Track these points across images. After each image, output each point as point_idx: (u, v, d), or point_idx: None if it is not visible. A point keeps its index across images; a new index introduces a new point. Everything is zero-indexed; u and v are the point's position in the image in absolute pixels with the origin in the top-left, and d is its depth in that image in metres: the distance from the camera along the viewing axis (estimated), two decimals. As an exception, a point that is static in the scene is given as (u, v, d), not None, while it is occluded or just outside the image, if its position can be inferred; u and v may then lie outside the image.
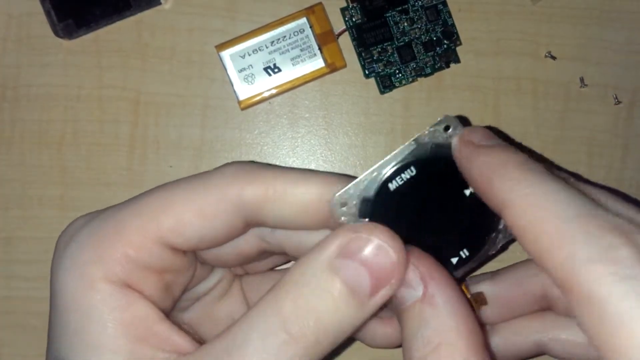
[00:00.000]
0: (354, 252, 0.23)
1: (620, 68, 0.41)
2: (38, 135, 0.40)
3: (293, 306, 0.23)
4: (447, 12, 0.39)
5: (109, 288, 0.24)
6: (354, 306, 0.23)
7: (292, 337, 0.22)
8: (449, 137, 0.25)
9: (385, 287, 0.23)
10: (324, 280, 0.23)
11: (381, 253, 0.23)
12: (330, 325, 0.23)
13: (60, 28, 0.39)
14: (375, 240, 0.23)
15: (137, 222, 0.25)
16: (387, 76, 0.40)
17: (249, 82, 0.39)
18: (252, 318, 0.23)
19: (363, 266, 0.23)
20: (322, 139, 0.40)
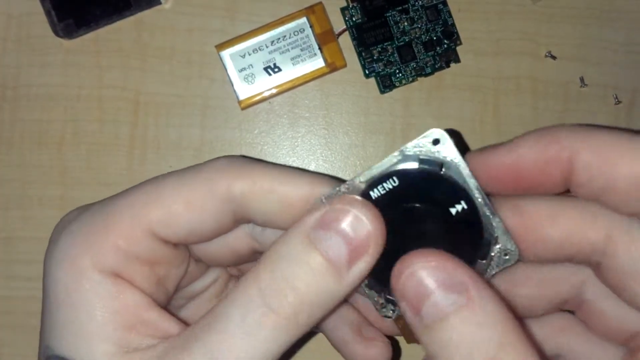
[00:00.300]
0: (331, 223, 0.23)
1: (620, 68, 0.41)
2: (38, 135, 0.40)
3: (270, 279, 0.23)
4: (447, 12, 0.39)
5: (98, 277, 0.24)
6: (332, 277, 0.23)
7: (271, 310, 0.22)
8: (437, 152, 0.24)
9: (362, 258, 0.23)
10: (301, 251, 0.23)
11: (357, 223, 0.23)
12: (309, 296, 0.23)
13: (60, 28, 0.39)
14: (351, 210, 0.23)
15: (127, 214, 0.25)
16: (387, 76, 0.40)
17: (249, 82, 0.39)
18: (233, 294, 0.23)
19: (339, 236, 0.23)
20: (322, 139, 0.40)
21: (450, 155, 0.24)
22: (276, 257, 0.23)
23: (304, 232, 0.23)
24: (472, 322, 0.22)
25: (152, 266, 0.26)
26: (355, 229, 0.23)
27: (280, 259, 0.23)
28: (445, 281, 0.22)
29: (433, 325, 0.22)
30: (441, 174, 0.24)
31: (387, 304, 0.26)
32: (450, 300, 0.22)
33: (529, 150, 0.24)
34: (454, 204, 0.24)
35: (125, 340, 0.24)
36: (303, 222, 0.24)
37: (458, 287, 0.22)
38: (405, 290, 0.23)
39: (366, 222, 0.23)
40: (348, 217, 0.23)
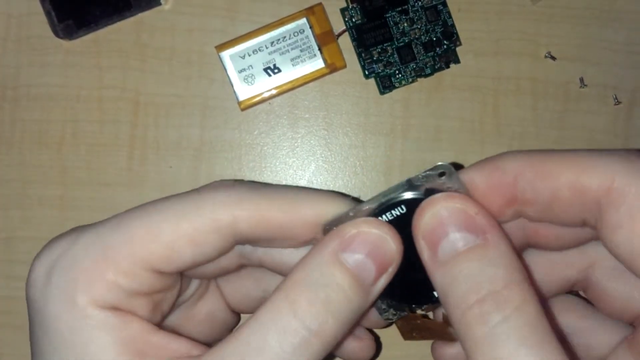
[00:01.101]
0: (357, 244, 0.24)
1: (620, 68, 0.41)
2: (38, 135, 0.40)
3: (308, 303, 0.23)
4: (447, 12, 0.39)
5: (100, 313, 0.24)
6: (362, 295, 0.24)
7: (313, 334, 0.23)
8: (442, 184, 0.25)
9: (385, 274, 0.25)
10: (333, 274, 0.24)
11: (382, 243, 0.25)
12: (345, 316, 0.24)
13: (60, 28, 0.39)
14: (375, 231, 0.24)
15: (125, 250, 0.24)
16: (387, 76, 0.40)
17: (249, 83, 0.39)
18: (265, 319, 0.23)
19: (367, 256, 0.24)
20: (322, 139, 0.40)
21: (454, 187, 0.25)
22: (307, 280, 0.24)
23: (333, 254, 0.24)
24: (483, 259, 0.23)
25: (149, 296, 0.26)
26: (382, 249, 0.25)
27: (313, 282, 0.24)
28: (465, 223, 0.24)
29: (447, 261, 0.24)
30: None
31: (389, 308, 0.28)
32: (467, 240, 0.24)
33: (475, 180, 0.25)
34: None
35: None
36: (327, 245, 0.25)
37: (476, 229, 0.24)
38: (426, 228, 0.24)
39: (390, 241, 0.25)
40: (375, 238, 0.25)
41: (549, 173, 0.24)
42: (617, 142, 0.41)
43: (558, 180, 0.24)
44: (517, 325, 0.22)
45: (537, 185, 0.24)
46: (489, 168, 0.26)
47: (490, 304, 0.22)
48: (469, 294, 0.23)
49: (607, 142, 0.41)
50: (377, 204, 0.25)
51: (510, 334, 0.21)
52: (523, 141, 0.40)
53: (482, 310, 0.22)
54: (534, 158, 0.25)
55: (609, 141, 0.41)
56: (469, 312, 0.22)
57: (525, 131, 0.40)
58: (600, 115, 0.41)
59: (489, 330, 0.22)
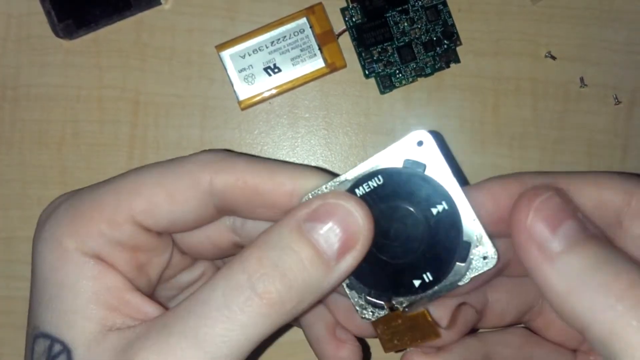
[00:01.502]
0: (323, 216, 0.24)
1: (620, 68, 0.41)
2: (38, 135, 0.40)
3: (258, 264, 0.23)
4: (447, 12, 0.39)
5: (82, 259, 0.25)
6: (321, 268, 0.24)
7: (257, 294, 0.23)
8: (421, 153, 0.24)
9: (351, 252, 0.24)
10: (292, 241, 0.24)
11: (349, 217, 0.24)
12: (296, 285, 0.23)
13: (60, 28, 0.39)
14: (343, 204, 0.24)
15: (111, 201, 0.26)
16: (387, 76, 0.40)
17: (249, 82, 0.39)
18: (218, 277, 0.23)
19: (331, 229, 0.24)
20: (322, 139, 0.40)
21: (433, 157, 0.25)
22: (265, 244, 0.24)
23: (295, 223, 0.24)
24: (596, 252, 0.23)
25: (133, 252, 0.27)
26: (347, 223, 0.24)
27: (270, 247, 0.24)
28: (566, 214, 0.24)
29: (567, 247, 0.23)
30: (424, 174, 0.25)
31: (368, 305, 0.26)
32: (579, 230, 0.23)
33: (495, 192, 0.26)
34: (435, 205, 0.25)
35: (107, 319, 0.24)
36: (295, 213, 0.24)
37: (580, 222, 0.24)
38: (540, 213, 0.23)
39: (357, 216, 0.24)
40: (340, 210, 0.24)
41: (569, 190, 0.25)
42: (617, 142, 0.41)
43: (580, 195, 0.25)
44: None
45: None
46: (511, 180, 0.26)
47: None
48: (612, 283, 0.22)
49: (607, 142, 0.41)
50: (354, 175, 0.25)
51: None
52: (523, 141, 0.40)
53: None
54: (551, 178, 0.26)
55: (609, 141, 0.41)
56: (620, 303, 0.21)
57: (525, 131, 0.40)
58: (600, 115, 0.41)
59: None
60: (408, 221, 0.25)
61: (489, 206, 0.25)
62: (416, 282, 0.25)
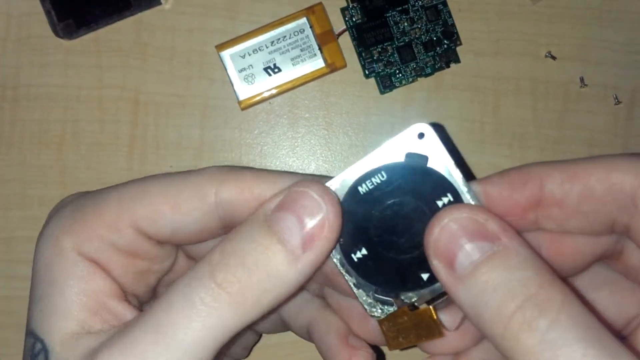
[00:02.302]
0: (287, 205, 0.23)
1: (620, 68, 0.41)
2: (38, 135, 0.40)
3: (221, 256, 0.23)
4: (447, 12, 0.39)
5: (75, 258, 0.25)
6: (286, 258, 0.23)
7: (218, 285, 0.22)
8: (422, 146, 0.24)
9: (318, 242, 0.23)
10: (256, 232, 0.23)
11: (314, 206, 0.23)
12: (258, 276, 0.22)
13: (60, 28, 0.39)
14: (309, 193, 0.23)
15: (114, 206, 0.26)
16: (387, 76, 0.40)
17: (249, 82, 0.39)
18: (186, 275, 0.23)
19: (295, 218, 0.23)
20: (322, 139, 0.40)
21: (435, 149, 0.24)
22: (231, 237, 0.23)
23: (262, 214, 0.23)
24: (507, 265, 0.22)
25: (132, 259, 0.26)
26: (312, 212, 0.23)
27: (234, 239, 0.23)
28: (476, 231, 0.22)
29: (467, 276, 0.22)
30: (427, 167, 0.24)
31: (376, 303, 0.26)
32: (484, 249, 0.22)
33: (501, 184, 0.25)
34: (441, 197, 0.24)
35: (86, 322, 0.24)
36: (264, 205, 0.24)
37: (490, 236, 0.22)
38: (437, 246, 0.23)
39: (322, 204, 0.23)
40: (305, 199, 0.23)
41: (579, 174, 0.24)
42: (617, 142, 0.41)
43: (589, 179, 0.24)
44: (569, 326, 0.20)
45: (566, 185, 0.24)
46: (512, 173, 0.25)
47: (532, 309, 0.20)
48: (505, 303, 0.21)
49: (607, 142, 0.41)
50: (355, 172, 0.24)
51: (567, 337, 0.20)
52: (523, 141, 0.40)
53: (525, 318, 0.20)
54: (561, 164, 0.25)
55: (609, 141, 0.41)
56: (511, 322, 0.21)
57: (525, 131, 0.40)
58: (600, 115, 0.41)
59: (541, 337, 0.20)
60: (414, 215, 0.25)
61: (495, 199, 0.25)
62: (424, 275, 0.25)
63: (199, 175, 0.26)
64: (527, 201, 0.24)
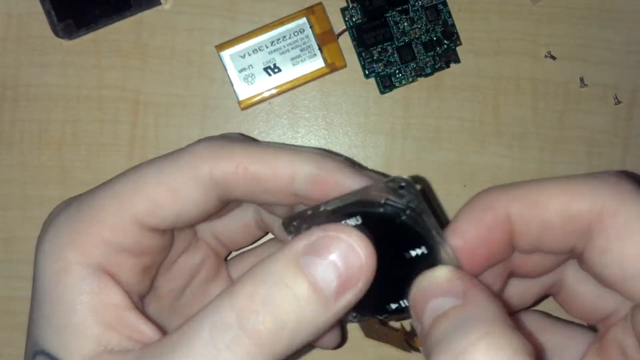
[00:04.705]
0: (322, 250, 0.22)
1: (620, 68, 0.41)
2: (38, 135, 0.40)
3: (248, 300, 0.21)
4: (447, 12, 0.39)
5: (82, 272, 0.24)
6: (318, 306, 0.22)
7: (245, 333, 0.21)
8: (400, 197, 0.23)
9: (352, 289, 0.22)
10: (286, 276, 0.22)
11: (350, 253, 0.22)
12: (289, 323, 0.21)
13: (60, 28, 0.39)
14: (345, 238, 0.22)
15: (112, 205, 0.25)
16: (387, 76, 0.40)
17: (249, 82, 0.39)
18: (207, 310, 0.22)
19: (331, 265, 0.22)
20: (322, 139, 0.40)
21: (415, 203, 0.24)
22: (257, 278, 0.22)
23: (292, 256, 0.22)
24: (464, 317, 0.22)
25: (139, 257, 0.26)
26: (348, 259, 0.22)
27: (262, 282, 0.22)
28: (443, 289, 0.23)
29: (428, 329, 0.22)
30: (402, 219, 0.24)
31: (351, 312, 0.26)
32: (445, 303, 0.22)
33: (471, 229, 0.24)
34: (414, 248, 0.24)
35: (104, 339, 0.23)
36: (292, 246, 0.22)
37: (455, 292, 0.22)
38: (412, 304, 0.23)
39: (360, 253, 0.22)
40: (342, 245, 0.22)
41: (538, 202, 0.23)
42: (617, 142, 0.41)
43: (548, 209, 0.23)
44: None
45: (527, 215, 0.24)
46: (478, 210, 0.24)
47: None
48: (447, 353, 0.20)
49: (607, 142, 0.41)
50: (334, 207, 0.24)
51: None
52: (523, 141, 0.40)
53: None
54: (521, 189, 0.24)
55: (609, 141, 0.41)
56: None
57: (525, 131, 0.40)
58: (600, 115, 0.41)
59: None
60: (386, 259, 0.24)
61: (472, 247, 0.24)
62: (393, 305, 0.25)
63: (191, 155, 0.26)
64: (502, 236, 0.24)
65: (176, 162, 0.26)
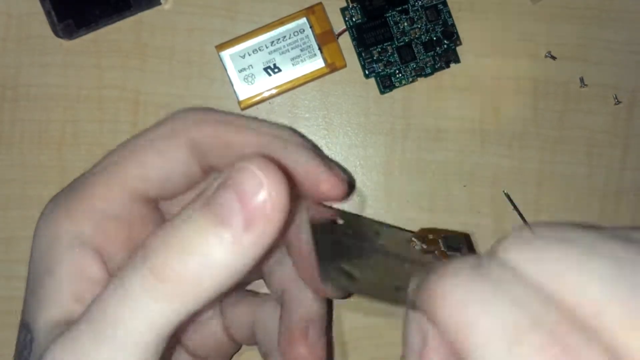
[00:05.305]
0: (231, 183, 0.20)
1: (620, 68, 0.41)
2: (38, 135, 0.40)
3: (157, 239, 0.20)
4: (447, 12, 0.39)
5: (70, 241, 0.24)
6: (226, 240, 0.20)
7: (154, 275, 0.20)
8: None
9: (260, 222, 0.20)
10: (196, 211, 0.20)
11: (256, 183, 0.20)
12: (198, 262, 0.20)
13: (60, 28, 0.39)
14: (250, 168, 0.20)
15: (103, 176, 0.26)
16: (387, 76, 0.40)
17: (249, 82, 0.39)
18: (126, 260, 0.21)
19: (236, 195, 0.20)
20: (322, 139, 0.40)
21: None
22: (172, 219, 0.21)
23: (205, 194, 0.21)
24: None
25: (129, 228, 0.26)
26: (254, 191, 0.20)
27: (174, 221, 0.20)
28: None
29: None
30: None
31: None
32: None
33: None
34: None
35: (72, 312, 0.23)
36: (209, 185, 0.21)
37: None
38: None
39: (264, 181, 0.20)
40: (245, 175, 0.20)
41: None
42: (617, 142, 0.41)
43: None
44: None
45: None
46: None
47: None
48: None
49: (607, 142, 0.41)
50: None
51: None
52: (523, 141, 0.40)
53: None
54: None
55: (609, 141, 0.41)
56: None
57: (525, 131, 0.40)
58: (600, 115, 0.41)
59: None
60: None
61: None
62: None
63: (176, 122, 0.27)
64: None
65: (162, 128, 0.27)
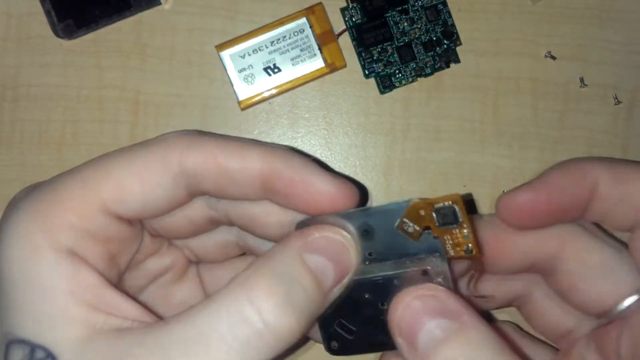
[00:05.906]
0: (321, 248, 0.25)
1: (620, 68, 0.41)
2: (38, 135, 0.40)
3: (267, 293, 0.23)
4: (447, 12, 0.39)
5: (54, 256, 0.23)
6: (320, 297, 0.24)
7: (268, 327, 0.22)
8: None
9: (342, 282, 0.25)
10: (296, 270, 0.24)
11: (344, 251, 0.25)
12: (304, 316, 0.23)
13: (60, 28, 0.39)
14: (339, 239, 0.25)
15: (78, 190, 0.25)
16: (387, 76, 0.40)
17: (249, 82, 0.39)
18: (220, 304, 0.22)
19: (329, 261, 0.25)
20: (322, 139, 0.40)
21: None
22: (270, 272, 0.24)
23: (295, 252, 0.24)
24: (468, 343, 0.23)
25: (105, 244, 0.25)
26: (342, 257, 0.25)
27: (275, 276, 0.23)
28: (437, 309, 0.24)
29: (429, 352, 0.23)
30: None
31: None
32: (444, 326, 0.23)
33: (560, 185, 0.27)
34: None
35: (89, 320, 0.23)
36: (292, 241, 0.25)
37: (451, 314, 0.24)
38: (401, 323, 0.24)
39: (352, 251, 0.25)
40: (337, 244, 0.25)
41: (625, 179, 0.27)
42: (617, 142, 0.41)
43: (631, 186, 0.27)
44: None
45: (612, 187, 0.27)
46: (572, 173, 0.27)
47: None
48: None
49: (607, 142, 0.41)
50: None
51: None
52: (523, 141, 0.40)
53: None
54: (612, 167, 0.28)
55: (609, 141, 0.41)
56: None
57: (525, 131, 0.40)
58: (600, 115, 0.41)
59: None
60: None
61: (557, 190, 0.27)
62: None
63: (161, 143, 0.26)
64: (588, 193, 0.27)
65: (146, 150, 0.26)
